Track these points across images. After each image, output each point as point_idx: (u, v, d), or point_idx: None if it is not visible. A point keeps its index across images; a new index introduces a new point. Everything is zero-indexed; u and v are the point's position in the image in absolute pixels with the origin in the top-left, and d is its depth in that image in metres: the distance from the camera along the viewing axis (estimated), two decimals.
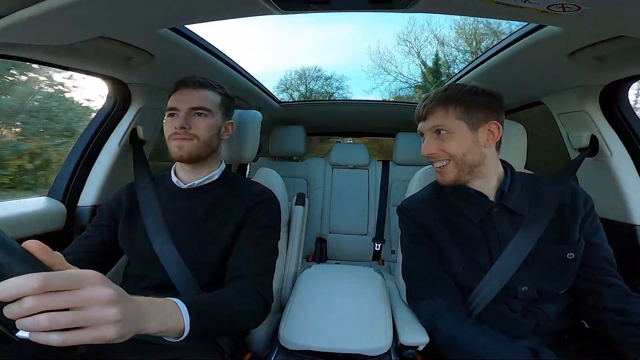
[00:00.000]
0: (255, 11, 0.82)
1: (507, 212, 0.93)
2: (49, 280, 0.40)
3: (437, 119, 0.91)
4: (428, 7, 0.78)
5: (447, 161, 0.92)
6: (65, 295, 0.41)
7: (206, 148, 0.98)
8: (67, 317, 0.41)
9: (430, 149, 0.92)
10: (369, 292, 1.14)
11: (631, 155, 1.16)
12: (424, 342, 0.91)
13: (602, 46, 0.85)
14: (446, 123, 0.90)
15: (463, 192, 0.96)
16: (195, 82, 0.98)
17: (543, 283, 0.89)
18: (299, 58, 21.87)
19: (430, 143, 0.93)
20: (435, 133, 0.92)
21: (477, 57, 1.39)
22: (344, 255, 2.28)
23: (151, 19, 0.84)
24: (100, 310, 0.43)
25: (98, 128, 1.34)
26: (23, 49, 0.93)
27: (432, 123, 0.92)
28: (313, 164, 2.45)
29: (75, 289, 0.42)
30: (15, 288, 0.39)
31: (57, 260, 0.45)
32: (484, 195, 0.95)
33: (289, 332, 0.94)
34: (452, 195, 0.99)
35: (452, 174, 0.92)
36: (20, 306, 0.39)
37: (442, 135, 0.91)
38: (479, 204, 0.94)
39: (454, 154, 0.90)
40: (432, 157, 0.94)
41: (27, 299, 0.39)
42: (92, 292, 0.43)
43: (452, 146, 0.90)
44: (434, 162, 0.95)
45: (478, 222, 0.93)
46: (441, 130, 0.91)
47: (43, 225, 1.17)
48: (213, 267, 0.92)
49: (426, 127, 0.94)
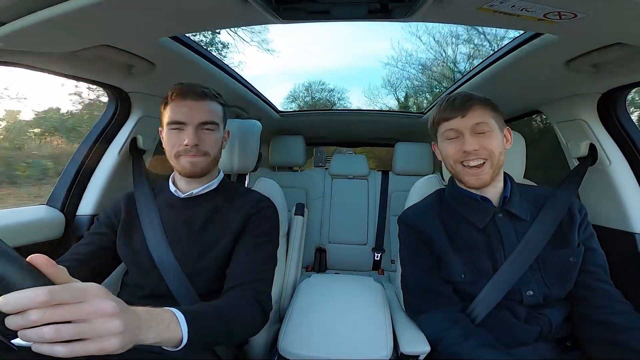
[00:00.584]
0: (257, 20, 0.83)
1: (510, 217, 0.95)
2: (55, 294, 0.41)
3: (479, 116, 0.90)
4: (426, 17, 0.79)
5: (484, 160, 0.91)
6: (69, 308, 0.42)
7: (215, 162, 0.99)
8: (72, 329, 0.42)
9: (474, 145, 0.89)
10: (369, 302, 1.12)
11: (630, 163, 1.16)
12: (425, 351, 0.90)
13: (599, 54, 0.86)
14: (487, 120, 0.91)
15: (468, 198, 0.98)
16: (199, 93, 0.94)
17: (548, 287, 0.89)
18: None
19: (472, 139, 0.90)
20: (476, 130, 0.91)
21: (475, 67, 1.41)
22: (344, 265, 2.27)
23: (153, 27, 0.85)
24: (103, 323, 0.44)
25: (98, 137, 1.34)
26: (25, 57, 0.93)
27: (474, 120, 0.90)
28: (312, 174, 2.46)
29: (79, 301, 0.43)
30: (21, 301, 0.40)
31: (61, 273, 0.46)
32: (489, 201, 0.96)
33: (289, 342, 0.93)
34: (455, 203, 1.00)
35: (487, 175, 0.92)
36: (26, 318, 0.40)
37: (485, 133, 0.90)
38: (485, 210, 0.95)
39: (494, 152, 0.90)
40: (475, 153, 0.90)
41: (32, 312, 0.40)
42: (95, 305, 0.44)
43: (492, 144, 0.90)
44: (470, 162, 0.91)
45: (483, 228, 0.94)
46: (483, 127, 0.90)
47: (41, 234, 1.16)
48: (211, 276, 0.91)
49: (467, 123, 0.90)
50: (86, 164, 1.32)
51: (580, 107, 1.21)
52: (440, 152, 1.01)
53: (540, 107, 1.42)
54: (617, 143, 1.19)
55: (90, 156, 1.33)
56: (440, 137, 0.98)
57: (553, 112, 1.35)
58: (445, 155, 0.97)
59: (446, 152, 0.96)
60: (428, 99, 11.78)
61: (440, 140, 0.99)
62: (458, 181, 1.00)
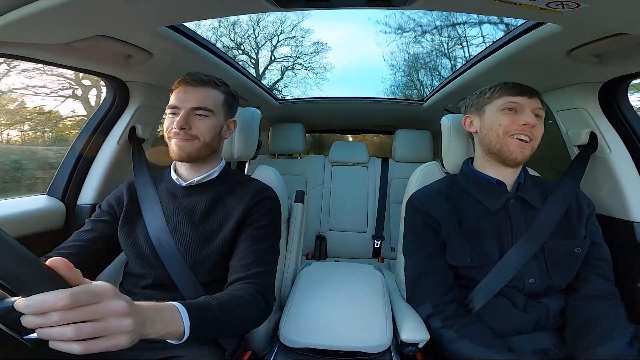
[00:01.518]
0: (255, 8, 0.81)
1: (522, 204, 0.97)
2: (75, 297, 0.44)
3: (540, 103, 0.97)
4: (426, 4, 0.77)
5: (530, 140, 0.94)
6: (87, 308, 0.45)
7: (207, 149, 0.97)
8: (91, 328, 0.45)
9: (534, 120, 0.93)
10: (369, 290, 1.14)
11: (630, 152, 1.16)
12: (424, 339, 0.91)
13: (602, 44, 0.85)
14: (543, 110, 0.97)
15: (484, 181, 1.00)
16: (198, 80, 0.95)
17: (550, 276, 0.91)
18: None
19: (531, 117, 0.94)
20: (535, 112, 0.95)
21: (476, 55, 1.39)
22: (344, 252, 2.29)
23: (149, 17, 0.84)
24: (116, 321, 0.47)
25: (97, 126, 1.33)
26: (22, 48, 0.92)
27: (537, 104, 0.96)
28: (312, 162, 2.45)
29: (95, 302, 0.46)
30: (44, 305, 0.43)
31: (77, 275, 0.48)
32: (504, 185, 0.98)
33: (289, 330, 0.94)
34: (470, 185, 1.02)
35: (527, 153, 0.96)
36: (46, 319, 0.43)
37: (540, 118, 0.96)
38: (499, 193, 0.97)
39: (538, 138, 0.96)
40: (529, 130, 0.94)
41: (53, 314, 0.43)
42: (109, 305, 0.47)
43: (540, 130, 0.96)
44: (522, 135, 0.94)
45: (495, 212, 0.96)
46: (540, 113, 0.96)
47: (43, 224, 1.16)
48: (213, 265, 0.92)
49: (532, 104, 0.95)
50: (86, 153, 1.32)
51: (582, 96, 1.20)
52: (484, 122, 1.01)
53: (541, 96, 1.41)
54: (618, 132, 1.18)
55: (89, 145, 1.33)
56: (496, 108, 0.98)
57: (554, 101, 1.34)
58: (496, 124, 0.97)
59: (499, 121, 0.96)
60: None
61: (492, 111, 0.99)
62: (491, 154, 1.00)
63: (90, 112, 5.09)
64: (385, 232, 2.26)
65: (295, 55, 13.81)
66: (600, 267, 0.95)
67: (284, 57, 13.82)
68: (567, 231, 0.95)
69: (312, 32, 13.34)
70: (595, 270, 0.94)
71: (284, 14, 10.16)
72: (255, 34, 12.96)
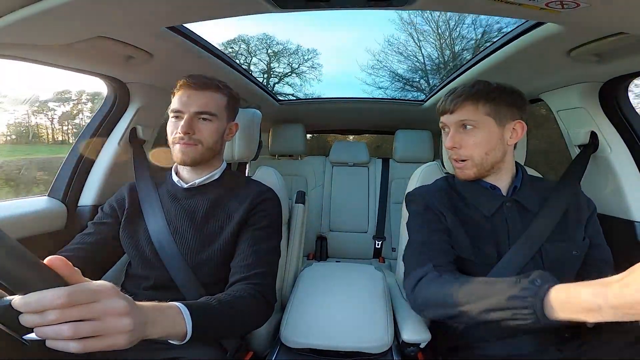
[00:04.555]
0: (254, 9, 0.81)
1: (518, 207, 0.95)
2: (73, 296, 0.43)
3: (465, 113, 0.92)
4: (426, 4, 0.78)
5: (467, 158, 0.93)
6: (86, 307, 0.45)
7: (209, 152, 0.98)
8: (88, 327, 0.45)
9: (455, 141, 0.93)
10: (370, 290, 1.14)
11: (631, 151, 1.16)
12: (426, 339, 0.91)
13: (602, 43, 0.85)
14: (475, 118, 0.91)
15: (477, 186, 0.98)
16: (201, 83, 0.95)
17: None
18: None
19: (455, 136, 0.93)
20: (461, 127, 0.93)
21: (476, 55, 1.39)
22: (345, 253, 2.29)
23: (150, 18, 0.84)
24: (115, 321, 0.47)
25: (97, 127, 1.33)
26: (21, 49, 0.92)
27: (460, 117, 0.92)
28: (313, 162, 2.45)
29: (93, 301, 0.45)
30: (41, 303, 0.42)
31: (75, 274, 0.47)
32: (498, 189, 0.97)
33: (290, 331, 0.94)
34: (464, 189, 1.00)
35: (471, 172, 0.94)
36: (43, 317, 0.43)
37: (468, 130, 0.92)
38: (493, 198, 0.95)
39: (475, 150, 0.91)
40: (455, 151, 0.94)
41: (51, 312, 0.43)
42: (108, 304, 0.47)
43: (476, 141, 0.91)
44: (454, 157, 0.95)
45: (490, 216, 0.94)
46: (467, 124, 0.92)
47: (44, 226, 1.16)
48: (215, 266, 0.92)
49: (452, 120, 0.93)
50: (86, 154, 1.32)
51: (582, 96, 1.20)
52: None
53: (541, 96, 1.41)
54: (619, 131, 1.18)
55: (90, 147, 1.33)
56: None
57: (554, 101, 1.34)
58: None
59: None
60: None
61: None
62: None
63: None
64: (386, 233, 2.26)
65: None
66: (601, 269, 0.93)
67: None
68: (565, 233, 0.93)
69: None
70: (597, 271, 0.93)
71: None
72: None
